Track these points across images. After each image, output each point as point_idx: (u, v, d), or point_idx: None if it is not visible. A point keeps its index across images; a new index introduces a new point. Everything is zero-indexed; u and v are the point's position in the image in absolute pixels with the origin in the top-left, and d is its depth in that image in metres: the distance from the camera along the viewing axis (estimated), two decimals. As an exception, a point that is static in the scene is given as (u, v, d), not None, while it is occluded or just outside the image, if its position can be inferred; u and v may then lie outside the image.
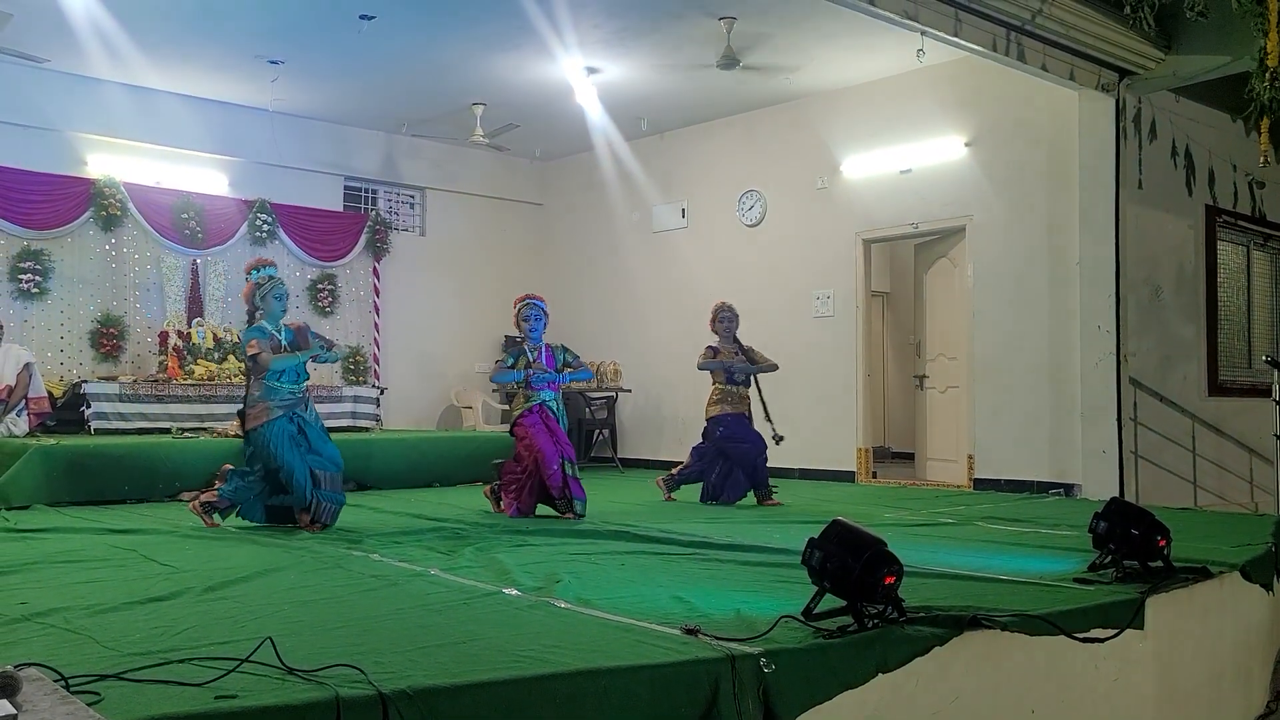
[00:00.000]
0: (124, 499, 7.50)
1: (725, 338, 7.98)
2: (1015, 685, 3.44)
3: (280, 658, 2.56)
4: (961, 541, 5.54)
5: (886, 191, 9.97)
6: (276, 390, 5.98)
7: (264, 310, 6.11)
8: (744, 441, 7.67)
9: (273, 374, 5.95)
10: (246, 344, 6.00)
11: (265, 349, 5.94)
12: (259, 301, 6.10)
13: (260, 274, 6.13)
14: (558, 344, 7.21)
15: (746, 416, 7.80)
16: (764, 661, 2.81)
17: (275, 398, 5.97)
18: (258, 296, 6.10)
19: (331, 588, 4.04)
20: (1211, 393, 9.25)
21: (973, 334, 9.37)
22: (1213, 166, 9.17)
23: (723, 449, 7.74)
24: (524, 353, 6.97)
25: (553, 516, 6.65)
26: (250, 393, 6.05)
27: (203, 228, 10.45)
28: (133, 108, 10.04)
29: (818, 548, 3.20)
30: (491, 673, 2.57)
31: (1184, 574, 4.23)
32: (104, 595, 3.77)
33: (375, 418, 10.81)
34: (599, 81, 9.80)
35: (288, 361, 6.00)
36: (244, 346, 6.05)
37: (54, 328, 9.73)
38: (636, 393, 11.91)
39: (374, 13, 8.21)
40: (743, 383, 7.86)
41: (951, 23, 7.15)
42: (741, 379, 7.85)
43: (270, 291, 6.09)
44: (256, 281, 6.11)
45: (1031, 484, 8.83)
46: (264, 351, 5.92)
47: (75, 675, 2.39)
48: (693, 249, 11.63)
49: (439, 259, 12.39)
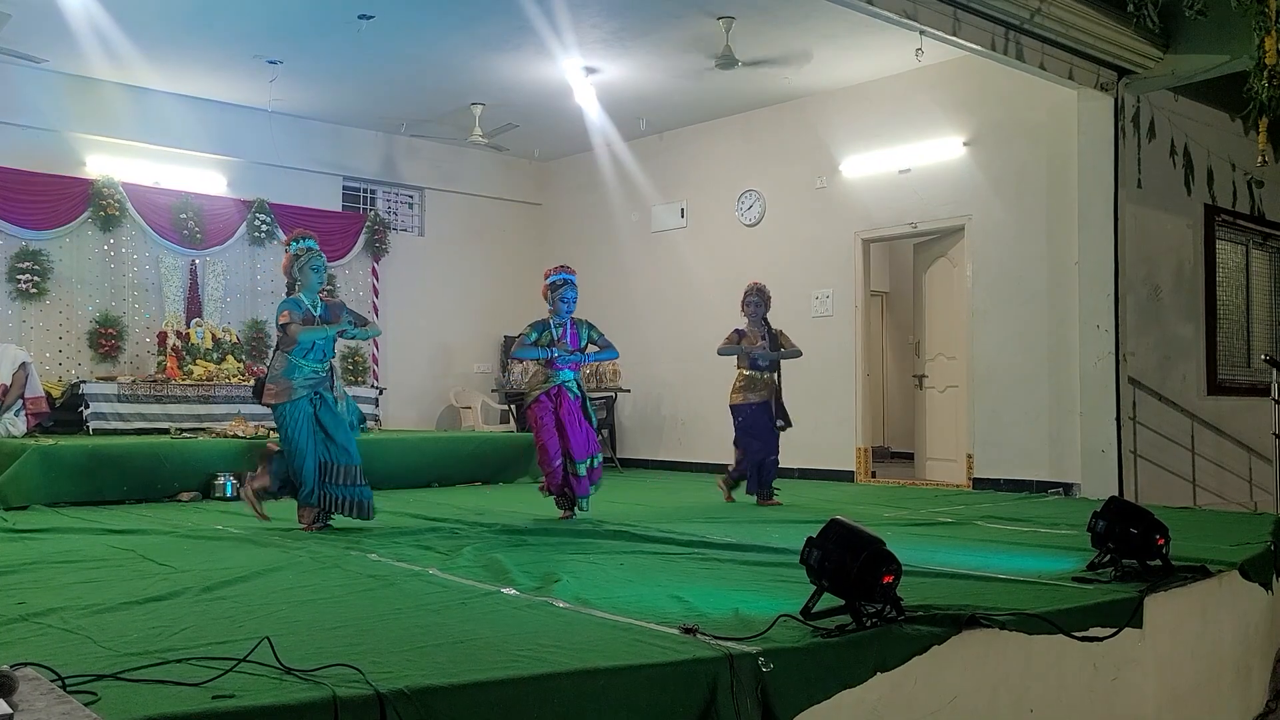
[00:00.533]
0: (122, 499, 7.49)
1: (753, 320, 7.66)
2: (1014, 684, 3.44)
3: (278, 657, 2.55)
4: (960, 541, 5.54)
5: (885, 191, 9.97)
6: (299, 368, 5.83)
7: (302, 282, 5.97)
8: (756, 439, 7.48)
9: (300, 349, 5.81)
10: (279, 313, 5.90)
11: (296, 320, 5.82)
12: (297, 273, 5.96)
13: (299, 245, 6.01)
14: (583, 320, 6.83)
15: (770, 404, 7.52)
16: (762, 661, 2.81)
17: (298, 375, 5.83)
18: (295, 268, 5.96)
19: (329, 588, 4.04)
20: (1210, 392, 9.25)
21: (972, 333, 9.37)
22: (1211, 165, 9.17)
23: (737, 438, 7.60)
24: (549, 328, 6.65)
25: (554, 515, 6.64)
26: (273, 366, 5.93)
27: (201, 228, 10.45)
28: (131, 108, 10.04)
29: (816, 547, 3.20)
30: (489, 673, 2.56)
31: (1183, 573, 4.22)
32: (102, 595, 3.77)
33: (374, 418, 10.81)
34: (598, 81, 9.79)
35: (316, 334, 5.85)
36: (277, 316, 5.93)
37: (53, 328, 9.73)
38: (635, 392, 11.90)
39: (372, 12, 8.21)
40: (767, 369, 7.55)
41: (950, 22, 7.14)
42: (765, 365, 7.54)
43: (309, 263, 5.95)
44: (295, 253, 5.98)
45: (1031, 483, 8.83)
46: (294, 323, 5.81)
47: (72, 675, 2.39)
48: (692, 249, 11.63)
49: (438, 259, 12.38)
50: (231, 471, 7.91)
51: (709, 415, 11.09)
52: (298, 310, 5.88)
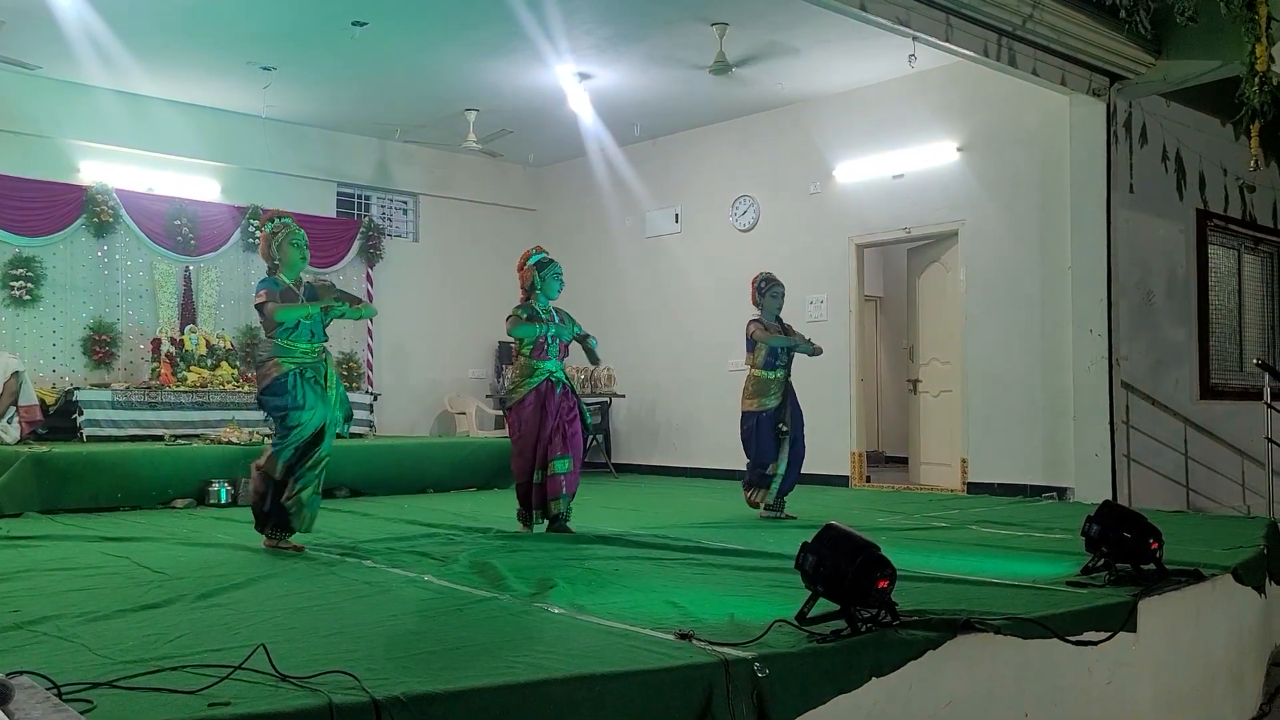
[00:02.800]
0: (117, 506, 7.47)
1: (770, 314, 7.02)
2: (1009, 689, 3.45)
3: (273, 664, 2.55)
4: (955, 545, 5.55)
5: (879, 196, 9.99)
6: (289, 350, 5.32)
7: (281, 260, 5.43)
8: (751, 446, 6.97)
9: (283, 331, 5.30)
10: (255, 294, 5.42)
11: (275, 298, 5.31)
12: (275, 251, 5.44)
13: (274, 224, 5.50)
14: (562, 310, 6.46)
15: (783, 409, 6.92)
16: (758, 666, 2.81)
17: (286, 357, 5.32)
18: (274, 246, 5.44)
19: (324, 594, 4.04)
20: (1203, 396, 9.28)
21: (965, 338, 9.39)
22: (1203, 170, 9.20)
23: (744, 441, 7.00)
24: (536, 313, 6.17)
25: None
26: (259, 353, 5.47)
27: (195, 234, 10.43)
28: (125, 114, 10.03)
29: (811, 552, 3.21)
30: (485, 679, 2.57)
31: (1176, 577, 4.24)
32: (97, 603, 3.77)
33: (369, 424, 10.80)
34: (592, 87, 9.81)
35: (296, 312, 5.29)
36: (254, 298, 5.47)
37: (46, 335, 9.71)
38: (631, 398, 11.91)
39: (366, 19, 8.22)
40: (784, 366, 6.96)
41: (943, 28, 7.17)
42: (785, 362, 6.94)
43: (287, 239, 5.43)
44: (270, 231, 5.47)
45: (1025, 487, 8.84)
46: (271, 301, 5.30)
47: (68, 683, 2.39)
48: (686, 254, 11.64)
49: (432, 265, 12.38)
50: (226, 478, 7.90)
51: (704, 420, 11.11)
52: (275, 288, 5.37)
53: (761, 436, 6.91)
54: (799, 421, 7.04)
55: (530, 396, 6.08)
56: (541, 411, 6.05)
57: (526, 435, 6.06)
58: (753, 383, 6.98)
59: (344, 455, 7.91)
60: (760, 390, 6.94)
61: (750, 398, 6.97)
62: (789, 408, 6.99)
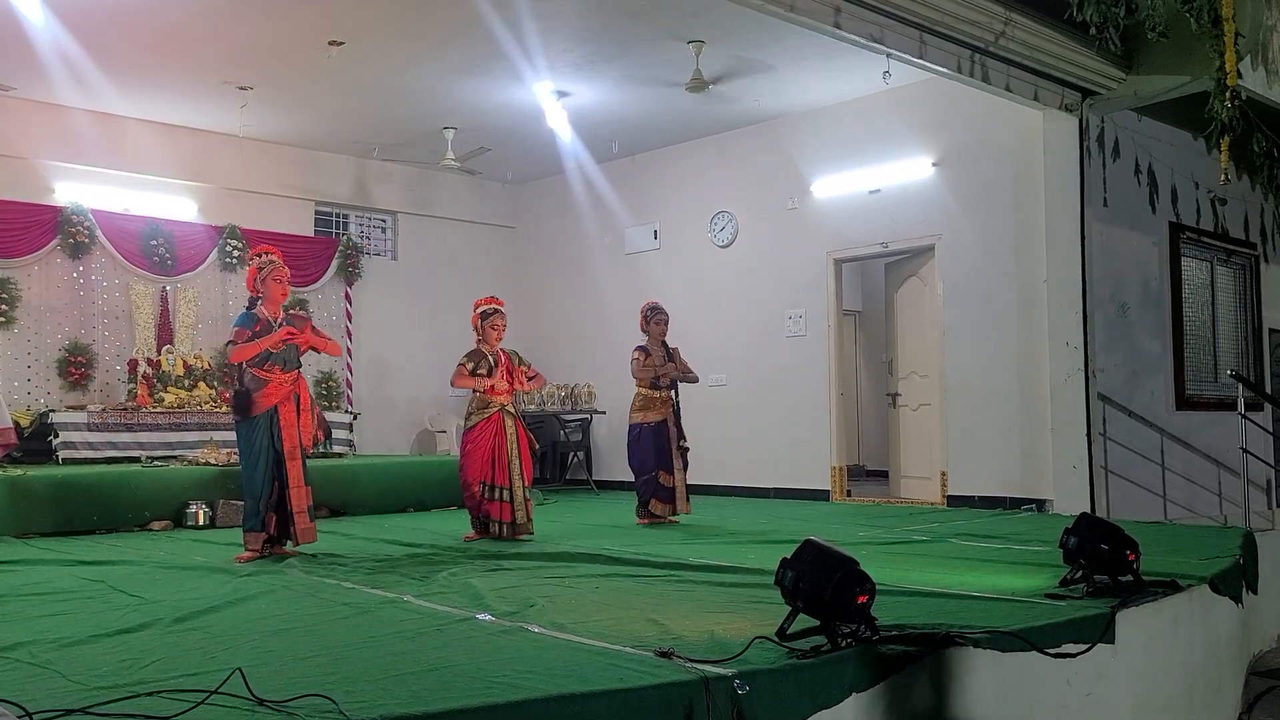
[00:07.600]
0: (93, 529, 7.41)
1: (657, 339, 7.94)
2: (988, 703, 3.46)
3: (250, 689, 2.54)
4: (934, 559, 5.57)
5: (856, 211, 10.05)
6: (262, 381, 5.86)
7: (264, 295, 6.01)
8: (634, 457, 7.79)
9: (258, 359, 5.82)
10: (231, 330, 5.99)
11: (243, 339, 5.81)
12: (259, 285, 6.00)
13: (261, 259, 6.07)
14: (511, 349, 7.20)
15: (667, 423, 7.79)
16: (738, 683, 2.82)
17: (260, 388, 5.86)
18: (258, 281, 6.00)
19: (303, 616, 4.01)
20: (1179, 407, 9.35)
21: (943, 352, 9.44)
22: (1175, 184, 9.31)
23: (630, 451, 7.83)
24: (484, 357, 6.90)
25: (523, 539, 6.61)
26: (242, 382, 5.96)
27: (172, 254, 10.38)
28: (100, 134, 9.98)
29: (791, 568, 3.21)
30: (464, 700, 2.56)
31: (1154, 588, 4.27)
32: (71, 628, 3.73)
33: (349, 443, 10.75)
34: (570, 105, 9.83)
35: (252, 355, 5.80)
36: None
37: (21, 357, 9.62)
38: (611, 414, 11.89)
39: (343, 38, 8.22)
40: (668, 387, 7.87)
41: (916, 45, 7.23)
42: (667, 385, 7.85)
43: (270, 275, 5.98)
44: (258, 266, 6.03)
45: (1004, 500, 8.89)
46: (235, 342, 5.84)
47: (41, 710, 2.36)
48: (665, 270, 11.66)
49: (411, 283, 12.36)
50: (203, 500, 7.84)
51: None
52: (249, 325, 5.88)
53: (643, 446, 7.74)
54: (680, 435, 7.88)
55: (480, 424, 6.84)
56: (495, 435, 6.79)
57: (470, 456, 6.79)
58: (639, 399, 7.86)
59: (324, 475, 7.88)
60: (645, 405, 7.83)
61: (637, 411, 7.86)
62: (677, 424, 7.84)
